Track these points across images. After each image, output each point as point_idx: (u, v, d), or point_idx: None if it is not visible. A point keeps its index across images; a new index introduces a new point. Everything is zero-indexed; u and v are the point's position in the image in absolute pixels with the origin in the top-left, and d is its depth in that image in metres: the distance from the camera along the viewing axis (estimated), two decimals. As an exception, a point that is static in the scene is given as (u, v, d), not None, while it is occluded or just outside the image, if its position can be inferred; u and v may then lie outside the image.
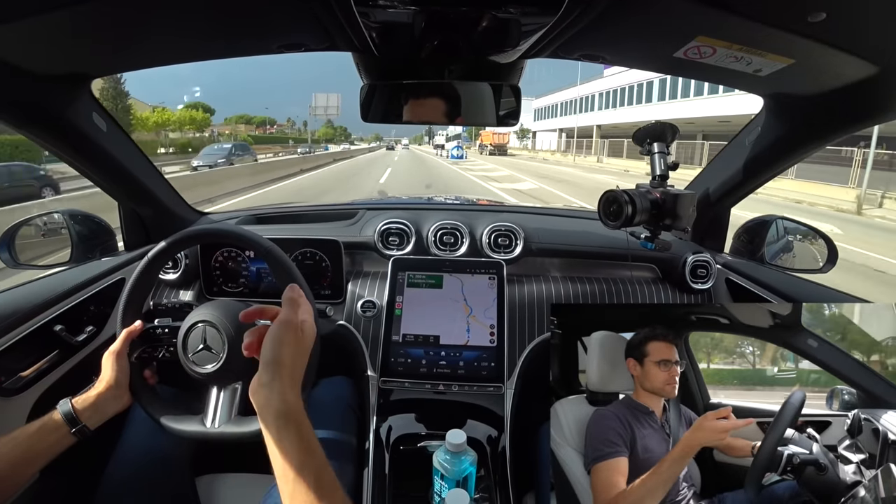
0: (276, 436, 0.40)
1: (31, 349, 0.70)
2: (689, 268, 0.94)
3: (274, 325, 0.45)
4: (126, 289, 0.63)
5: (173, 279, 0.95)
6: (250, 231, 0.64)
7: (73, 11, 0.48)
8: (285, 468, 0.39)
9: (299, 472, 0.38)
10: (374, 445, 0.73)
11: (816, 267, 0.92)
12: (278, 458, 0.40)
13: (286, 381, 0.42)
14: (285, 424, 0.40)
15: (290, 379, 0.43)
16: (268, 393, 0.41)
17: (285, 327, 0.45)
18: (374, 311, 0.87)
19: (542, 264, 1.01)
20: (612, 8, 0.49)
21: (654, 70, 0.72)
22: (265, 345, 0.44)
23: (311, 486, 0.38)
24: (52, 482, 0.68)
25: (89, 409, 0.56)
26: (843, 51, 0.52)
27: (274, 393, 0.41)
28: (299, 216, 1.18)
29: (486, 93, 0.78)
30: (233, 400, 0.60)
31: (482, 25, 0.61)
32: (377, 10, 0.56)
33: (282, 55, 0.71)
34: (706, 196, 0.96)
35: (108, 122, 0.78)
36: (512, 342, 0.84)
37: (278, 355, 0.43)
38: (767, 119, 0.80)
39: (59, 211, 0.93)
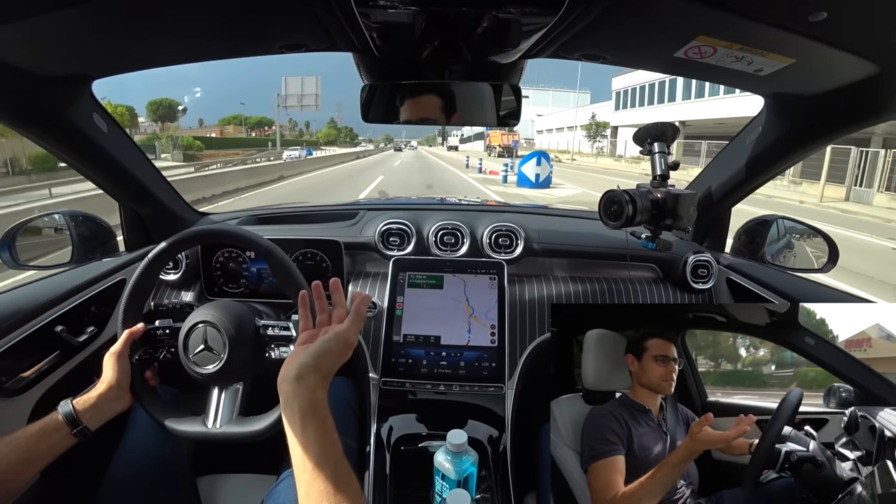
0: (301, 424, 0.42)
1: (33, 350, 0.70)
2: (689, 268, 0.94)
3: (332, 335, 0.48)
4: (127, 289, 0.64)
5: (174, 280, 0.95)
6: (251, 231, 0.65)
7: (74, 12, 0.48)
8: (305, 457, 0.41)
9: (319, 462, 0.40)
10: (375, 446, 0.73)
11: (817, 266, 0.92)
12: (298, 447, 0.42)
13: (317, 380, 0.45)
14: (312, 414, 0.43)
15: (322, 380, 0.46)
16: (296, 387, 0.44)
17: (340, 342, 0.48)
18: (374, 312, 0.87)
19: (543, 264, 1.01)
20: (612, 8, 0.49)
21: (654, 70, 0.72)
22: (314, 350, 0.47)
23: (328, 475, 0.40)
24: (54, 483, 0.68)
25: (90, 410, 0.56)
26: (844, 50, 0.52)
27: (303, 388, 0.44)
28: (300, 216, 1.18)
29: (487, 93, 0.78)
30: (234, 400, 0.61)
31: (482, 25, 0.61)
32: (378, 11, 0.56)
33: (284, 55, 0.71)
34: (707, 196, 0.96)
35: (108, 123, 0.78)
36: (513, 342, 0.84)
37: (319, 363, 0.46)
38: (768, 119, 0.80)
39: (60, 212, 0.94)
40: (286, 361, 0.47)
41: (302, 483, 0.40)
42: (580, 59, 0.68)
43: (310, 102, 24.54)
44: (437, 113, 0.79)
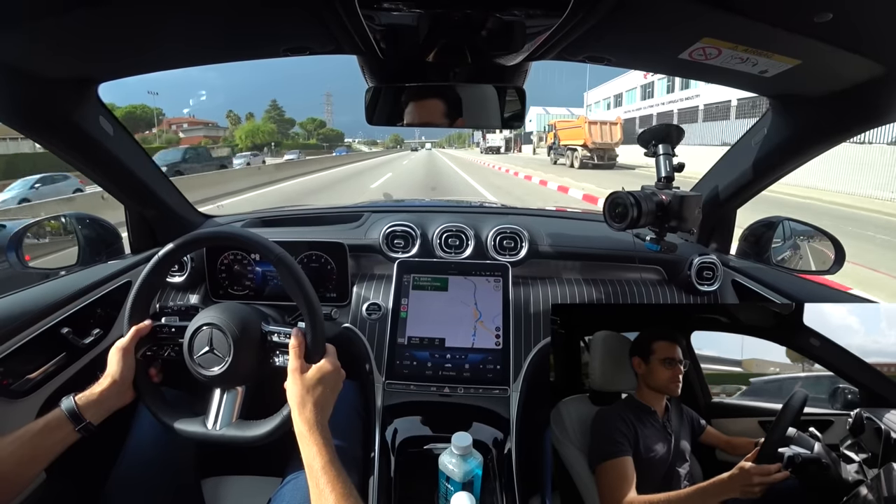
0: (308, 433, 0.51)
1: (39, 352, 0.71)
2: (695, 269, 0.93)
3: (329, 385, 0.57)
4: (135, 288, 0.64)
5: (179, 282, 0.95)
6: (260, 235, 0.64)
7: (80, 16, 0.48)
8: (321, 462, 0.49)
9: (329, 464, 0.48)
10: (380, 448, 0.73)
11: (824, 268, 0.91)
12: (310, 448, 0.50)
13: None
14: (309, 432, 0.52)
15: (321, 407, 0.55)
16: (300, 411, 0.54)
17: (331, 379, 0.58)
18: (379, 314, 0.88)
19: (547, 266, 1.01)
20: (617, 10, 0.49)
21: (659, 72, 0.72)
22: (320, 391, 0.55)
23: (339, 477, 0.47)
24: (59, 484, 0.69)
25: (92, 405, 0.56)
26: (850, 51, 0.52)
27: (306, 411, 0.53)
28: (305, 219, 1.18)
29: (491, 95, 0.78)
30: (235, 403, 0.61)
31: (487, 28, 0.61)
32: (382, 14, 0.56)
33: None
34: (712, 197, 0.96)
35: (114, 126, 0.78)
36: (517, 345, 0.84)
37: (318, 399, 0.55)
38: (774, 120, 0.79)
39: (67, 214, 0.94)
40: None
41: (322, 483, 0.47)
42: (584, 60, 0.68)
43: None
44: (442, 115, 0.79)
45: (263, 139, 45.32)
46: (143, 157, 0.89)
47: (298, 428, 0.52)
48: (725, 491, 0.48)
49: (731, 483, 0.48)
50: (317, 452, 0.49)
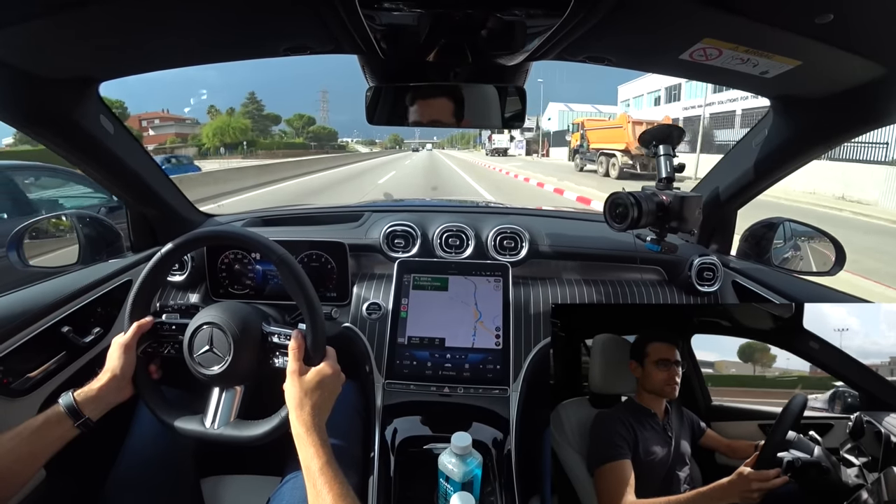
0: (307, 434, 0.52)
1: (39, 350, 0.71)
2: (695, 270, 0.93)
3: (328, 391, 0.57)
4: (136, 285, 0.64)
5: (180, 281, 0.95)
6: (261, 235, 0.64)
7: (79, 15, 0.48)
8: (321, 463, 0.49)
9: (326, 465, 0.48)
10: (380, 448, 0.73)
11: (824, 269, 0.91)
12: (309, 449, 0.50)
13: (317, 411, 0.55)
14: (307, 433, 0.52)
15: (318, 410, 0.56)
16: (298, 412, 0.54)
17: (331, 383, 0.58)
18: (379, 314, 0.88)
19: (548, 266, 1.01)
20: (617, 10, 0.49)
21: (660, 72, 0.72)
22: (318, 393, 0.56)
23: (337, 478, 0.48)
24: (59, 482, 0.69)
25: (91, 401, 0.56)
26: (851, 52, 0.52)
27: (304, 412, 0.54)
28: (305, 218, 1.18)
29: (492, 95, 0.78)
30: (234, 403, 0.61)
31: (487, 28, 0.61)
32: (382, 13, 0.56)
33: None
34: (713, 198, 0.96)
35: (115, 125, 0.79)
36: (517, 345, 0.84)
37: (317, 402, 0.55)
38: (775, 121, 0.79)
39: (67, 213, 0.95)
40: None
41: (319, 484, 0.48)
42: (585, 61, 0.68)
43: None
44: (442, 115, 0.79)
45: (234, 137, 39.70)
46: (143, 155, 0.89)
47: (296, 429, 0.52)
48: (724, 496, 0.48)
49: (731, 489, 0.48)
50: (314, 454, 0.49)
